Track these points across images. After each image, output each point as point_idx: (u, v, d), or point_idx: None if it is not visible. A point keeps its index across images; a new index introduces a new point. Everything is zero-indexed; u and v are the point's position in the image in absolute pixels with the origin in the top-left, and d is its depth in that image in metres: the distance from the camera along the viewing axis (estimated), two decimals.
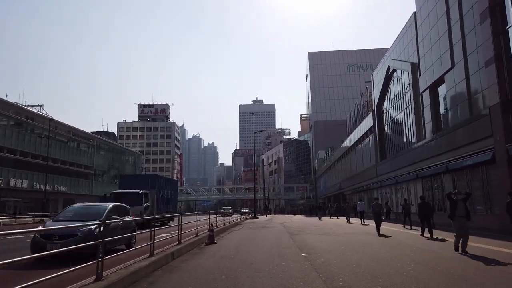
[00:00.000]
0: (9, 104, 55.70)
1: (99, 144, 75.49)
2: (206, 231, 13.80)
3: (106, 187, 77.11)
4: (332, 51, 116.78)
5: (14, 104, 56.54)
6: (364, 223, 24.01)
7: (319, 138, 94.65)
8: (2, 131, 48.82)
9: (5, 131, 49.45)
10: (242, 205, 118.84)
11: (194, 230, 13.16)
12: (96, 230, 7.83)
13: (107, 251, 6.32)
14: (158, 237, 11.96)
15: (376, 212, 16.30)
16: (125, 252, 7.52)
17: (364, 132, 37.73)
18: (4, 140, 48.84)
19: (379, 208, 16.71)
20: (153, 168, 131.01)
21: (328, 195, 69.07)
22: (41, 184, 55.29)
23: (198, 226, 13.31)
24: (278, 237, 14.65)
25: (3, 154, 48.43)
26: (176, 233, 11.10)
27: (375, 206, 16.70)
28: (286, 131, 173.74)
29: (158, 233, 12.59)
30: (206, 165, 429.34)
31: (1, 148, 48.25)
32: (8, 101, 54.48)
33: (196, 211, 73.01)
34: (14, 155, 50.26)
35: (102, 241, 5.60)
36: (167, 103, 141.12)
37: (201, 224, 14.41)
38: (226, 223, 22.12)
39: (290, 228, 20.93)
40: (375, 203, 17.12)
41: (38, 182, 54.49)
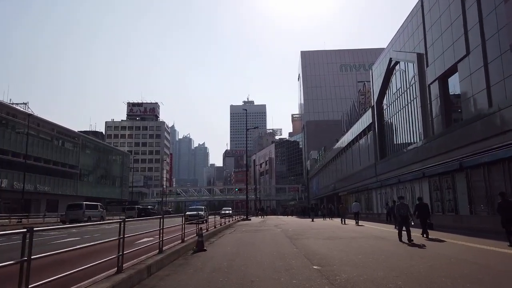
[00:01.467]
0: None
1: (85, 143, 72.68)
2: (195, 235, 11.81)
3: (92, 187, 74.37)
4: (324, 51, 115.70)
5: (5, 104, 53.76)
6: (358, 224, 23.97)
7: (312, 138, 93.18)
8: None
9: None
10: (233, 206, 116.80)
11: (180, 234, 11.15)
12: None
13: None
14: (139, 242, 10.04)
15: (403, 215, 12.85)
16: None
17: (362, 130, 36.02)
18: None
19: (406, 209, 13.05)
20: (141, 169, 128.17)
21: (321, 196, 67.45)
22: (22, 184, 52.58)
23: (185, 230, 11.30)
24: (277, 243, 12.71)
25: None
26: (158, 239, 9.06)
27: (401, 207, 13.04)
28: (277, 132, 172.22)
29: (135, 239, 10.56)
30: (197, 166, 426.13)
31: None
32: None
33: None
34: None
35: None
36: (156, 102, 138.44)
37: (188, 227, 12.43)
38: (218, 225, 20.16)
39: (287, 231, 19.03)
40: (400, 203, 13.36)
41: (19, 181, 51.66)
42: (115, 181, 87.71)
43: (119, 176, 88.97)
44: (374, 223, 25.82)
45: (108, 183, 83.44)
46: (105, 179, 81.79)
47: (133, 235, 7.59)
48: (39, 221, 42.29)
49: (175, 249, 9.55)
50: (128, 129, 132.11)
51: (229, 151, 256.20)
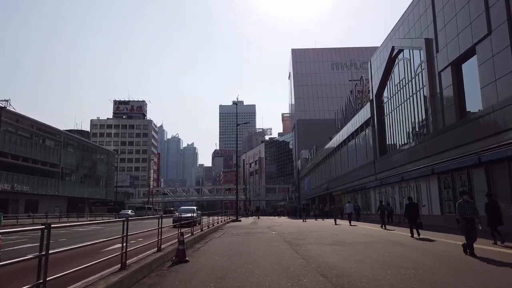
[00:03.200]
0: None
1: (67, 141, 69.38)
2: (177, 241, 9.48)
3: (75, 187, 71.05)
4: (315, 49, 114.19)
5: None
6: (351, 224, 24.33)
7: (303, 137, 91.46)
8: None
9: None
10: (222, 206, 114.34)
11: (156, 241, 8.80)
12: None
13: None
14: (108, 250, 7.78)
15: (469, 218, 8.87)
16: None
17: (359, 125, 34.00)
18: None
19: (472, 210, 8.99)
20: (128, 168, 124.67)
21: (313, 196, 65.49)
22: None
23: (161, 235, 8.95)
24: (276, 250, 10.44)
25: None
26: (130, 247, 6.68)
27: (465, 207, 9.01)
28: (267, 131, 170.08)
29: (102, 247, 8.25)
30: (185, 166, 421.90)
31: None
32: None
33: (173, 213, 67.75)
34: None
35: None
36: (143, 100, 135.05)
37: (172, 231, 10.13)
38: (205, 227, 17.82)
39: (284, 234, 16.80)
40: (463, 200, 9.20)
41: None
42: (100, 181, 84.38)
43: (104, 176, 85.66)
44: (372, 224, 23.79)
45: (92, 182, 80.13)
46: (89, 178, 78.49)
47: (96, 242, 5.35)
48: (28, 222, 39.16)
49: (146, 262, 7.20)
50: (114, 127, 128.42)
51: (218, 151, 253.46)
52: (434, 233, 14.86)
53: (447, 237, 13.26)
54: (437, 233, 14.84)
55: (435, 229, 16.40)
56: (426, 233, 14.73)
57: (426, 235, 13.89)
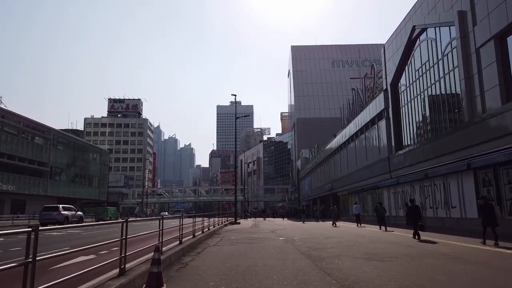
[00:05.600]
0: None
1: (56, 138, 65.97)
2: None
3: (66, 187, 67.63)
4: (316, 45, 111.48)
5: None
6: (360, 225, 24.12)
7: (303, 137, 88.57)
8: None
9: None
10: (219, 208, 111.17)
11: (117, 259, 5.69)
12: None
13: None
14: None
15: None
16: None
17: (370, 119, 30.95)
18: None
19: None
20: (123, 168, 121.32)
21: (314, 197, 62.44)
22: None
23: (126, 249, 5.82)
24: (296, 269, 7.35)
25: None
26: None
27: None
28: (265, 131, 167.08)
29: None
30: (182, 167, 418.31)
31: None
32: None
33: (171, 214, 66.03)
34: None
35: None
36: (139, 99, 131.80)
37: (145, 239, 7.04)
38: (198, 232, 14.68)
39: (294, 241, 13.72)
40: None
41: None
42: (92, 181, 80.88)
43: (96, 176, 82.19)
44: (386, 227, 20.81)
45: (84, 182, 76.65)
46: (80, 178, 75.04)
47: None
48: (7, 224, 36.01)
49: None
50: (109, 126, 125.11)
51: (215, 152, 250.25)
52: (474, 239, 11.81)
53: None
54: (477, 239, 11.81)
55: (472, 235, 13.48)
56: (462, 239, 11.80)
57: (470, 243, 10.84)
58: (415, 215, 14.09)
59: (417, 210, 14.53)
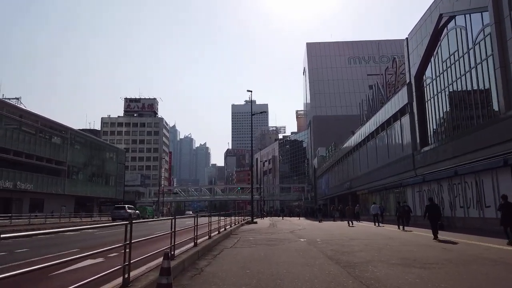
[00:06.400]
0: None
1: (73, 137, 66.38)
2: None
3: (83, 186, 68.01)
4: (331, 42, 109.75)
5: None
6: (378, 225, 23.91)
7: (319, 135, 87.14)
8: None
9: None
10: (235, 207, 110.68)
11: (119, 267, 4.89)
12: None
13: None
14: None
15: None
16: None
17: (392, 114, 29.67)
18: None
19: None
20: (139, 167, 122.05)
21: (331, 196, 61.16)
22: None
23: (129, 254, 5.01)
24: (326, 277, 6.45)
25: None
26: None
27: None
28: (281, 129, 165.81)
29: None
30: (198, 166, 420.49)
31: None
32: None
33: (186, 213, 67.04)
34: None
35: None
36: (155, 98, 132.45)
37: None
38: (214, 232, 13.83)
39: (317, 243, 12.77)
40: None
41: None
42: (109, 180, 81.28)
43: (113, 174, 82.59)
44: (411, 227, 19.63)
45: (101, 181, 77.05)
46: (97, 177, 75.47)
47: None
48: (23, 223, 36.03)
49: None
50: (125, 125, 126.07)
51: (230, 150, 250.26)
52: None
53: None
54: None
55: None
56: (494, 240, 10.66)
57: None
58: (434, 214, 13.74)
59: (437, 209, 14.23)
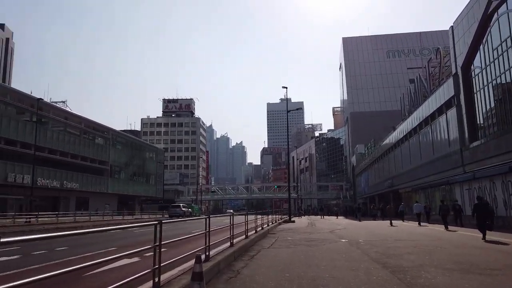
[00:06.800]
0: (4, 87, 49.70)
1: (115, 138, 68.72)
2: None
3: (125, 184, 70.28)
4: (368, 36, 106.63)
5: (13, 89, 50.41)
6: (421, 224, 23.14)
7: (357, 131, 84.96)
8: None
9: (1, 119, 42.88)
10: (272, 205, 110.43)
11: (149, 271, 4.58)
12: None
13: None
14: None
15: None
16: None
17: (437, 108, 28.05)
18: (0, 129, 42.29)
19: None
20: (177, 166, 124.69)
21: (371, 194, 59.33)
22: (47, 180, 48.81)
23: (159, 256, 4.70)
24: (375, 284, 5.83)
25: (0, 146, 41.95)
26: None
27: None
28: (317, 127, 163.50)
29: None
30: (235, 165, 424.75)
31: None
32: (3, 84, 48.29)
33: (224, 211, 68.67)
34: (13, 147, 43.69)
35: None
36: (191, 98, 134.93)
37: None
38: (251, 231, 13.46)
39: (359, 244, 12.07)
40: None
41: (43, 177, 47.95)
42: (149, 179, 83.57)
43: (153, 173, 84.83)
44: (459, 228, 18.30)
45: (142, 180, 79.34)
46: (138, 176, 77.80)
47: None
48: (69, 220, 37.55)
49: None
50: (164, 125, 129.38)
51: (266, 149, 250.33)
52: None
53: None
54: None
55: None
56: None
57: None
58: (483, 213, 13.08)
59: (486, 208, 13.52)
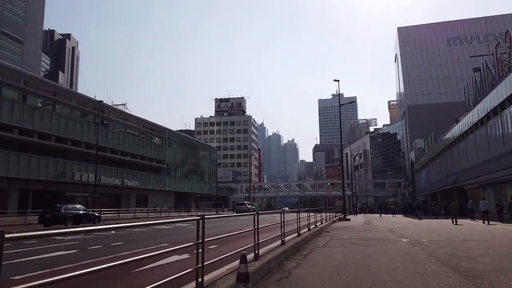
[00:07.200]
0: (70, 92, 53.33)
1: (171, 137, 71.28)
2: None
3: (181, 182, 72.66)
4: (426, 24, 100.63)
5: (77, 93, 54.01)
6: (488, 223, 22.20)
7: (415, 125, 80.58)
8: (64, 121, 45.51)
9: (68, 121, 46.03)
10: (326, 202, 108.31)
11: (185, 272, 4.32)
12: None
13: None
14: None
15: None
16: None
17: (507, 96, 25.49)
18: (67, 131, 45.43)
19: None
20: (230, 164, 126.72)
21: (433, 191, 55.86)
22: (109, 178, 51.74)
23: (202, 255, 4.43)
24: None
25: (67, 146, 45.07)
26: None
27: None
28: (371, 122, 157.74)
29: None
30: (287, 162, 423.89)
31: (64, 140, 44.89)
32: (69, 89, 51.75)
33: (277, 209, 68.89)
34: (78, 147, 46.78)
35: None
36: (242, 97, 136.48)
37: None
38: (304, 229, 12.93)
39: (423, 244, 11.05)
40: None
41: (105, 176, 50.90)
42: (204, 176, 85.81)
43: (207, 171, 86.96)
44: None
45: (196, 178, 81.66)
46: (193, 174, 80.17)
47: None
48: (129, 216, 39.83)
49: None
50: (216, 124, 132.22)
51: (319, 146, 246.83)
52: None
53: None
54: None
55: None
56: None
57: None
58: None
59: None
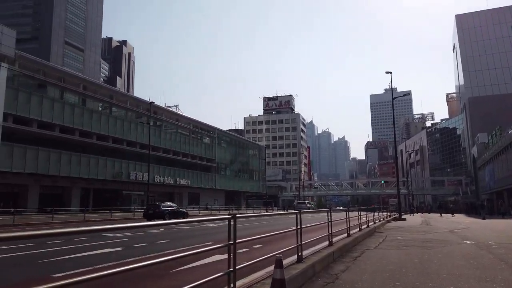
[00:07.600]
0: (125, 95, 55.80)
1: (220, 137, 72.38)
2: None
3: (231, 181, 73.59)
4: (487, 10, 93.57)
5: (131, 96, 56.46)
6: None
7: (477, 119, 75.18)
8: (120, 123, 47.74)
9: (123, 123, 48.24)
10: (379, 201, 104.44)
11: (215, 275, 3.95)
12: None
13: None
14: None
15: None
16: None
17: None
18: (122, 132, 47.64)
19: None
20: (279, 162, 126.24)
21: (499, 189, 51.50)
22: (162, 177, 53.52)
23: (234, 259, 4.07)
24: None
25: (122, 147, 47.29)
26: None
27: None
28: (428, 116, 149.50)
29: None
30: (338, 160, 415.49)
31: (120, 141, 47.14)
32: (123, 92, 54.30)
33: (328, 207, 68.71)
34: (133, 147, 48.89)
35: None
36: (291, 95, 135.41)
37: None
38: (354, 229, 12.16)
39: (491, 247, 9.94)
40: None
41: (159, 175, 52.73)
42: (253, 175, 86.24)
43: (256, 170, 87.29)
44: None
45: (246, 176, 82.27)
46: (242, 172, 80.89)
47: None
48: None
49: None
50: (265, 123, 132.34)
51: (371, 143, 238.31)
52: None
53: None
54: None
55: None
56: None
57: None
58: None
59: None
